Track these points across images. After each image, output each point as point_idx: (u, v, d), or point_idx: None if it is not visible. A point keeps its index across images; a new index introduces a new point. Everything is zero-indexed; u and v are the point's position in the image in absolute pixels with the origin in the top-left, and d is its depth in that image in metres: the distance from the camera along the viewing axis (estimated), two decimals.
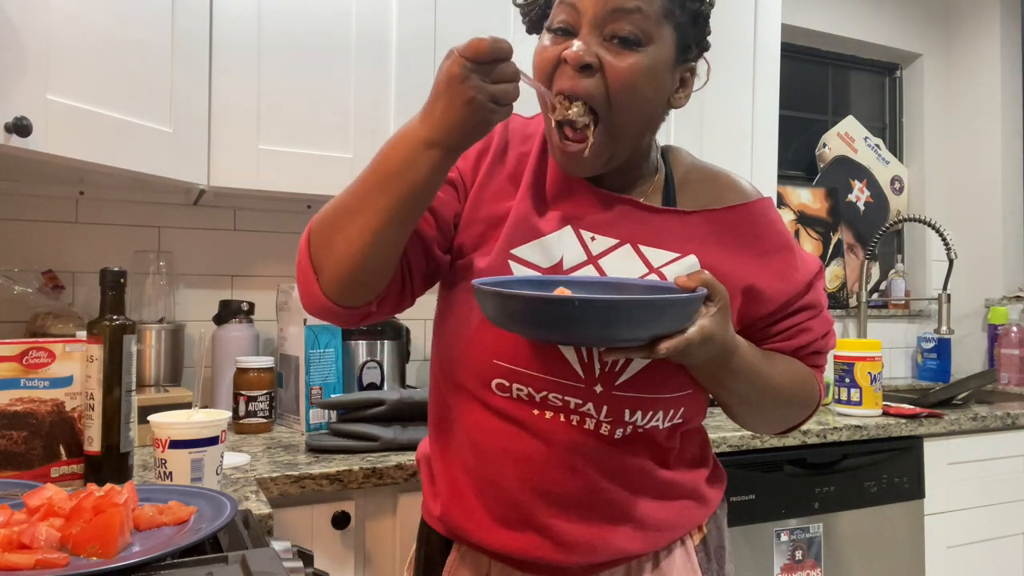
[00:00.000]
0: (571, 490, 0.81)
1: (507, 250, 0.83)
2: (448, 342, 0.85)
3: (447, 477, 0.88)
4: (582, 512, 0.82)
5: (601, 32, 0.76)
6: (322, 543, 1.20)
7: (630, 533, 0.84)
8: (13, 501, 0.78)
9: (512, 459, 0.81)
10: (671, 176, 0.90)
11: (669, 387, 0.81)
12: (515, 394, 0.81)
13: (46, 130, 1.10)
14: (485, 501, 0.84)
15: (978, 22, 2.82)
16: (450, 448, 0.88)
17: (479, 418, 0.83)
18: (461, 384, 0.84)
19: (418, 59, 1.58)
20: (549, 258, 0.83)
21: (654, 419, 0.82)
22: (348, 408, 1.38)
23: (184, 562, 0.67)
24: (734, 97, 1.98)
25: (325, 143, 1.51)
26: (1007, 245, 2.74)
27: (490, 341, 0.80)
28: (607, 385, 0.79)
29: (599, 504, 0.82)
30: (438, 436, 0.90)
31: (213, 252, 1.74)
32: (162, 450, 0.96)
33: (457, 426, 0.86)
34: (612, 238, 0.84)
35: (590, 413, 0.80)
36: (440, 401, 0.90)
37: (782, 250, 0.88)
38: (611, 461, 0.82)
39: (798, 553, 1.60)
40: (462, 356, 0.83)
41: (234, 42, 1.43)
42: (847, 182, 2.78)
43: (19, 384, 0.99)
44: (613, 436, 0.81)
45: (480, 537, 0.85)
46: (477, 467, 0.84)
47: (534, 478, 0.81)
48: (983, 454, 1.88)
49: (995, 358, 2.60)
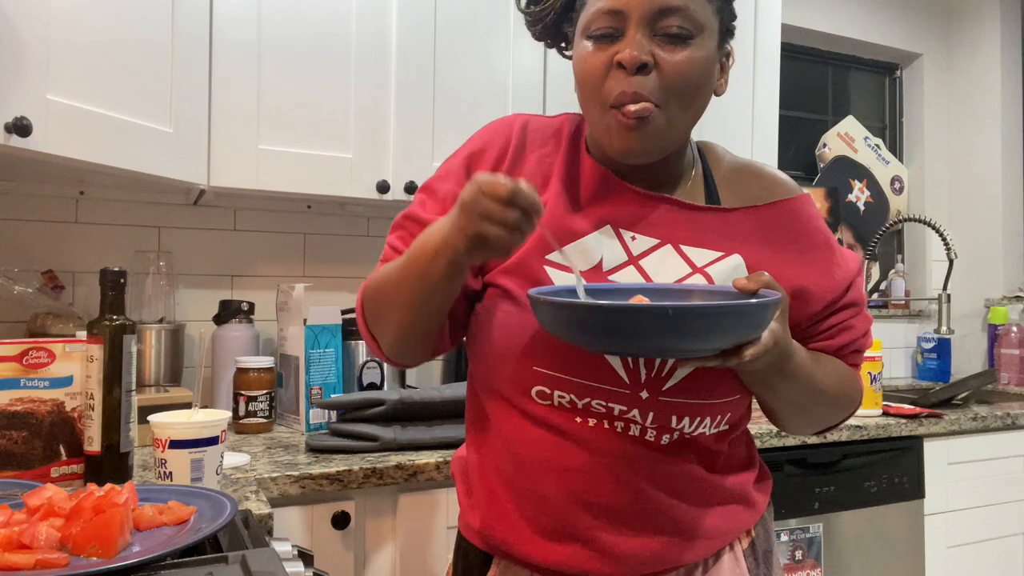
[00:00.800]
0: (617, 500, 0.79)
1: (543, 255, 0.81)
2: (484, 351, 0.84)
3: (485, 488, 0.85)
4: (630, 522, 0.79)
5: (651, 30, 0.75)
6: (322, 543, 1.20)
7: (679, 542, 0.81)
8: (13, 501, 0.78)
9: (555, 470, 0.79)
10: (709, 172, 0.88)
11: (718, 393, 0.79)
12: (556, 401, 0.79)
13: (46, 130, 1.10)
14: (527, 513, 0.81)
15: (978, 22, 2.82)
16: (488, 459, 0.85)
17: (519, 428, 0.81)
18: (499, 393, 0.83)
19: (418, 59, 1.58)
20: (587, 260, 0.81)
21: (701, 425, 0.80)
22: (348, 408, 1.38)
23: (184, 562, 0.67)
24: (734, 97, 1.98)
25: (325, 143, 1.51)
26: (1007, 245, 2.74)
27: (529, 347, 0.78)
28: (653, 391, 0.77)
29: (647, 514, 0.80)
30: (476, 446, 0.88)
31: (213, 252, 1.74)
32: (162, 450, 0.96)
33: (496, 436, 0.84)
34: (653, 238, 0.82)
35: (635, 419, 0.78)
36: (478, 411, 0.88)
37: (824, 247, 0.86)
38: (658, 468, 0.79)
39: (798, 553, 1.60)
40: (500, 364, 0.81)
41: (234, 42, 1.43)
42: (847, 182, 2.78)
43: (19, 384, 0.99)
44: (660, 442, 0.79)
45: (522, 550, 0.81)
46: (517, 478, 0.81)
47: (578, 489, 0.79)
48: (983, 454, 1.88)
49: (995, 358, 2.60)
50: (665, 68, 0.75)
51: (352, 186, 1.53)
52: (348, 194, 1.53)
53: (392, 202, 1.58)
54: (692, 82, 0.76)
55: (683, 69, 0.75)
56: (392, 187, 1.56)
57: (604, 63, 0.76)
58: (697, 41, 0.76)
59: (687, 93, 0.77)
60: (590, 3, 0.78)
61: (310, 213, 1.84)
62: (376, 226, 1.90)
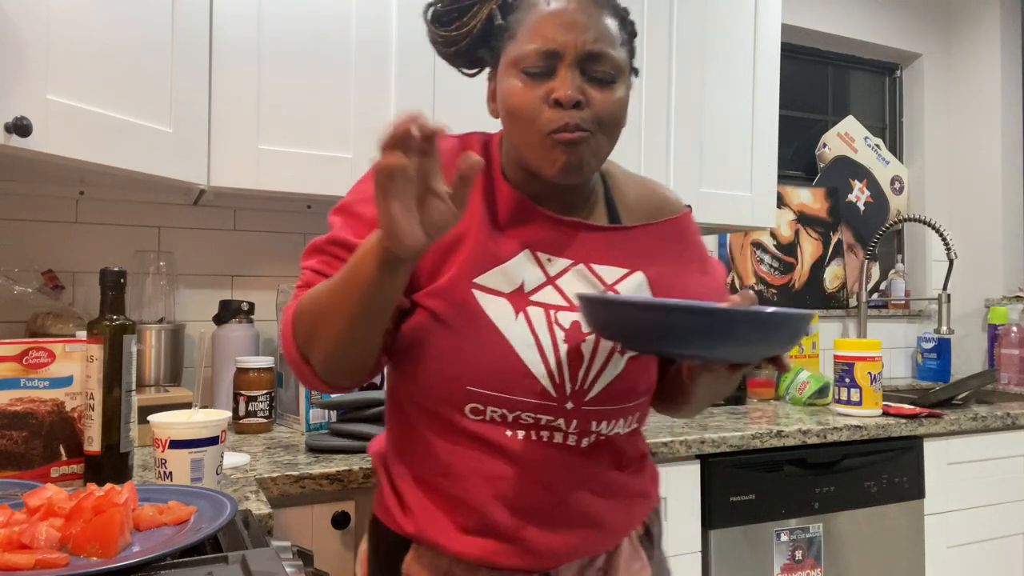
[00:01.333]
0: (541, 502, 0.85)
1: (470, 278, 0.85)
2: (413, 371, 0.86)
3: (416, 498, 0.88)
4: (551, 521, 0.86)
5: (581, 70, 0.82)
6: (322, 543, 1.20)
7: (593, 535, 0.89)
8: (13, 501, 0.78)
9: (485, 479, 0.84)
10: (610, 193, 0.96)
11: (630, 397, 0.87)
12: (488, 416, 0.84)
13: (46, 130, 1.10)
14: (455, 517, 0.86)
15: (978, 22, 2.82)
16: (417, 470, 0.89)
17: (450, 441, 0.86)
18: (430, 410, 0.86)
19: (418, 60, 1.58)
20: (511, 283, 0.86)
21: (616, 427, 0.88)
22: (348, 408, 1.38)
23: (184, 562, 0.67)
24: (734, 97, 1.98)
25: (325, 143, 1.51)
26: (1007, 245, 2.74)
27: (462, 369, 0.82)
28: (577, 401, 0.84)
29: (567, 512, 0.87)
30: (400, 455, 0.91)
31: (213, 252, 1.74)
32: (162, 450, 0.96)
33: (425, 450, 0.87)
34: (567, 259, 0.88)
35: (560, 428, 0.85)
36: (403, 424, 0.91)
37: (701, 259, 0.97)
38: (578, 470, 0.87)
39: (798, 553, 1.60)
40: (433, 384, 0.84)
41: (234, 42, 1.43)
42: (847, 182, 2.78)
43: (19, 384, 0.99)
44: (580, 446, 0.86)
45: (447, 544, 0.86)
46: (449, 487, 0.86)
47: (508, 495, 0.85)
48: (983, 454, 1.88)
49: (995, 358, 2.60)
50: (595, 105, 0.82)
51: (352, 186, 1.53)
52: None
53: None
54: (616, 118, 0.85)
55: (610, 108, 0.83)
56: None
57: (540, 98, 0.81)
58: (618, 83, 0.84)
59: (612, 127, 0.85)
60: (521, 39, 0.83)
61: (310, 213, 1.84)
62: None
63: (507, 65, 0.84)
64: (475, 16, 0.87)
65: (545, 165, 0.83)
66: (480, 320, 0.83)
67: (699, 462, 1.52)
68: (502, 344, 0.83)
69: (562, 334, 0.85)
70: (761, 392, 2.05)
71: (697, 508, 1.52)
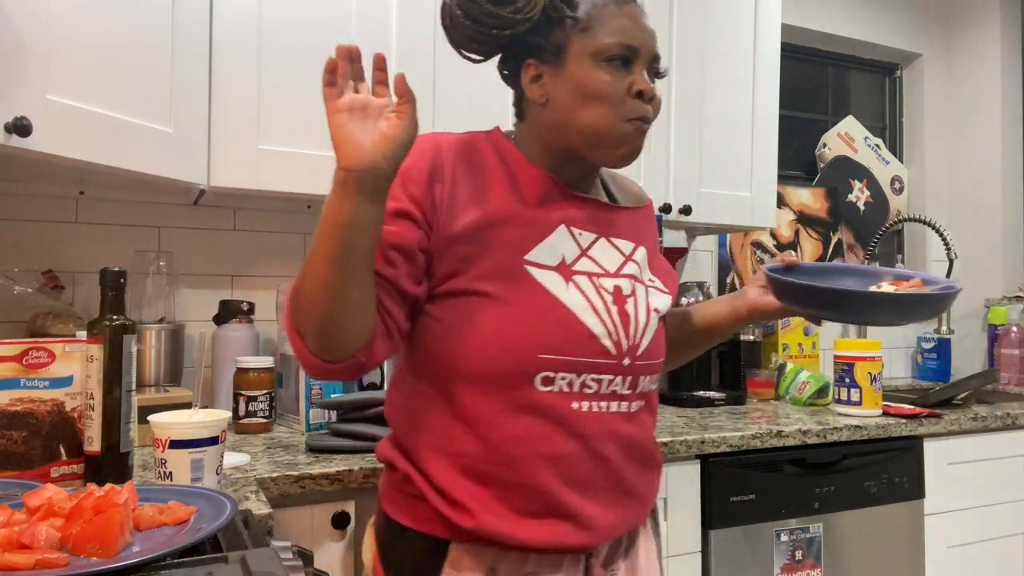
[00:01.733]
0: (600, 476, 0.90)
1: (520, 256, 0.90)
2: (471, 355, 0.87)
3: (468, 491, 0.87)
4: (605, 495, 0.91)
5: (649, 68, 0.94)
6: (322, 543, 1.20)
7: (633, 508, 0.95)
8: (13, 501, 0.78)
9: (548, 460, 0.87)
10: (603, 177, 1.06)
11: (661, 351, 0.97)
12: (557, 385, 0.87)
13: (46, 130, 1.10)
14: (515, 502, 0.87)
15: (978, 22, 2.82)
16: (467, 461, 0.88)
17: (512, 423, 0.87)
18: (496, 389, 0.87)
19: (418, 59, 1.58)
20: (555, 256, 0.92)
21: (654, 382, 0.97)
22: (348, 408, 1.38)
23: (184, 562, 0.67)
24: (734, 97, 1.98)
25: (325, 143, 1.51)
26: (1007, 245, 2.74)
27: (532, 339, 0.86)
28: (632, 357, 0.92)
29: (618, 485, 0.92)
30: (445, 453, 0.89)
31: (213, 252, 1.74)
32: (162, 450, 0.96)
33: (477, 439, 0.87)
34: (592, 233, 0.96)
35: (616, 390, 0.91)
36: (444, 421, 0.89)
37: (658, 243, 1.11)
38: (627, 440, 0.93)
39: (798, 553, 1.60)
40: (501, 359, 0.86)
41: (234, 42, 1.43)
42: (847, 182, 2.78)
43: (19, 384, 0.99)
44: (630, 410, 0.93)
45: (511, 533, 0.86)
46: (507, 472, 0.87)
47: (568, 472, 0.88)
48: (983, 454, 1.88)
49: (995, 358, 2.60)
50: (655, 102, 0.93)
51: None
52: None
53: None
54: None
55: (659, 105, 0.95)
56: None
57: (624, 88, 0.91)
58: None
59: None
60: (600, 33, 0.90)
61: (310, 213, 1.84)
62: None
63: (584, 55, 0.90)
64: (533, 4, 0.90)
65: (614, 147, 0.92)
66: (538, 292, 0.88)
67: (699, 462, 1.52)
68: (563, 311, 0.88)
69: (609, 297, 0.92)
70: (761, 392, 2.05)
71: (697, 508, 1.52)
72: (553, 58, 0.92)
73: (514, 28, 0.90)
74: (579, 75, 0.90)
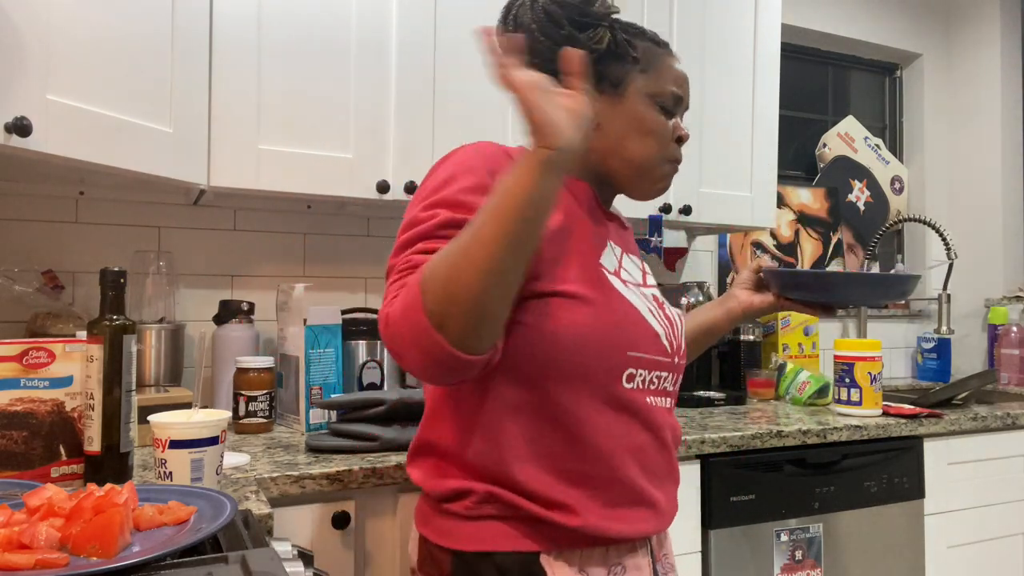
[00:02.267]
0: (663, 465, 0.98)
1: (596, 259, 0.96)
2: (564, 356, 0.89)
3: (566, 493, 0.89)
4: (664, 481, 0.99)
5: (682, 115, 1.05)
6: (322, 543, 1.20)
7: (676, 492, 1.03)
8: (13, 501, 0.78)
9: (631, 452, 0.93)
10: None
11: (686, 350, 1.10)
12: (637, 383, 0.94)
13: (46, 130, 1.10)
14: (607, 497, 0.92)
15: (978, 22, 2.82)
16: (559, 464, 0.90)
17: (598, 420, 0.91)
18: (588, 389, 0.90)
19: (418, 59, 1.58)
20: (613, 264, 1.00)
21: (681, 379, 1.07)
22: (348, 408, 1.38)
23: (184, 562, 0.67)
24: (734, 97, 1.98)
25: (325, 143, 1.51)
26: (1007, 245, 2.74)
27: (621, 338, 0.92)
28: (678, 355, 1.01)
29: (672, 472, 1.00)
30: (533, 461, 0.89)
31: (213, 252, 1.74)
32: (162, 450, 0.96)
33: (568, 440, 0.90)
34: (619, 247, 1.04)
35: (668, 386, 1.00)
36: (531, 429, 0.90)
37: None
38: (674, 432, 1.01)
39: (798, 553, 1.60)
40: (595, 357, 0.90)
41: (234, 42, 1.43)
42: (847, 182, 2.78)
43: (19, 384, 0.99)
44: (672, 405, 1.02)
45: (607, 528, 0.91)
46: (598, 469, 0.91)
47: (645, 462, 0.95)
48: (983, 454, 1.88)
49: (995, 358, 2.60)
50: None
51: (352, 186, 1.53)
52: (348, 194, 1.53)
53: (392, 202, 1.58)
54: None
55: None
56: (392, 187, 1.56)
57: (671, 131, 1.01)
58: None
59: None
60: (657, 79, 1.00)
61: (310, 213, 1.84)
62: (376, 226, 1.91)
63: (642, 94, 1.00)
64: (600, 36, 0.97)
65: (653, 182, 1.02)
66: (615, 294, 0.94)
67: (699, 462, 1.52)
68: (636, 313, 0.95)
69: (654, 303, 1.00)
70: (761, 392, 2.05)
71: (697, 508, 1.52)
72: (611, 89, 0.99)
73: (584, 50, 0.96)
74: (638, 110, 0.99)
